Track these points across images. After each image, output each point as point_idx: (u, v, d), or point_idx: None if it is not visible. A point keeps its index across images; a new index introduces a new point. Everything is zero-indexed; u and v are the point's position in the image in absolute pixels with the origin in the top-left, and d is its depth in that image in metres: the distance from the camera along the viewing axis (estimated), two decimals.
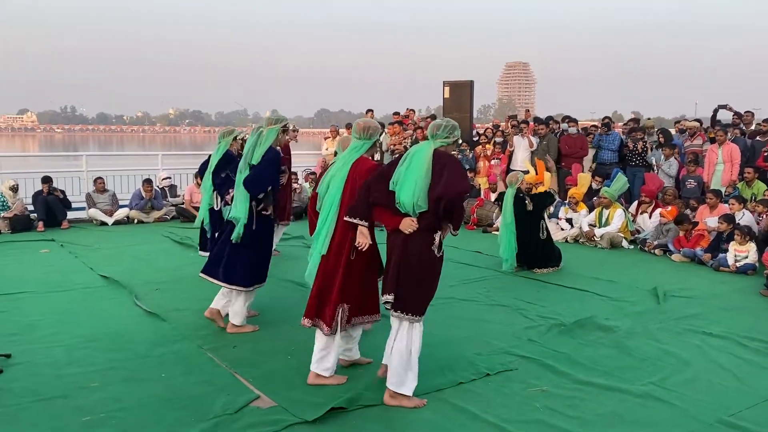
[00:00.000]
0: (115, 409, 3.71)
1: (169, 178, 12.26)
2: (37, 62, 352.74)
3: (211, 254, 5.27)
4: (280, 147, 5.19)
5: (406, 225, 3.68)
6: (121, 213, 10.94)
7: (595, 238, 9.21)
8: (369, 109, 14.56)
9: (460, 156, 12.11)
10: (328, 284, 3.97)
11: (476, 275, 7.28)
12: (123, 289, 6.42)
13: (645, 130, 11.28)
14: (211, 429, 3.49)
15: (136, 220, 10.94)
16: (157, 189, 11.54)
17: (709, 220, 8.54)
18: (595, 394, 4.03)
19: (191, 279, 6.71)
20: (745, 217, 8.32)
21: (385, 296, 3.78)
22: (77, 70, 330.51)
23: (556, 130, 11.99)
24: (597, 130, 11.72)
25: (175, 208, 11.42)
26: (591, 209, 9.70)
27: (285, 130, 5.19)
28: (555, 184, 10.96)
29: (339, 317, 3.93)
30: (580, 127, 12.05)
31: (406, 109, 15.38)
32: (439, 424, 3.60)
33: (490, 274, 7.40)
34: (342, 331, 4.01)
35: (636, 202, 10.03)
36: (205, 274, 5.16)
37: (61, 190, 10.77)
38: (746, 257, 7.57)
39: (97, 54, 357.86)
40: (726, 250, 7.77)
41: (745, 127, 11.00)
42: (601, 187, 9.78)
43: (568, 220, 9.93)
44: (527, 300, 6.23)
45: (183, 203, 11.39)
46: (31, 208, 10.47)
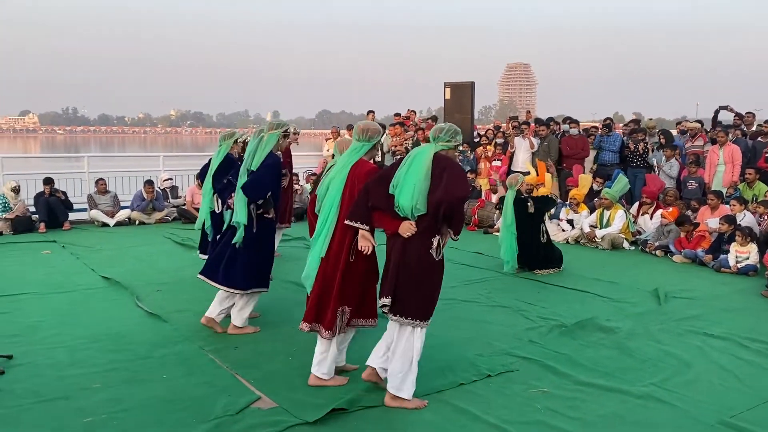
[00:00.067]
0: (116, 410, 3.72)
1: (171, 179, 12.30)
2: (39, 63, 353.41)
3: (211, 257, 5.26)
4: (281, 151, 5.18)
5: (405, 229, 3.66)
6: (123, 214, 10.94)
7: (596, 239, 9.21)
8: (370, 110, 14.54)
9: (461, 157, 12.11)
10: (328, 287, 3.96)
11: (477, 276, 7.29)
12: (124, 290, 6.43)
13: (646, 131, 11.28)
14: (213, 430, 3.50)
15: (137, 222, 10.95)
16: (159, 190, 11.56)
17: (710, 221, 8.54)
18: (596, 395, 4.04)
19: (192, 280, 6.70)
20: (746, 218, 8.32)
21: (383, 299, 3.76)
22: (79, 72, 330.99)
23: (557, 131, 12.00)
24: (598, 131, 11.73)
25: (176, 209, 11.45)
26: (592, 210, 9.70)
27: (286, 135, 5.18)
28: (556, 189, 10.95)
29: (339, 320, 3.92)
30: (581, 128, 12.06)
31: (407, 110, 15.39)
32: (440, 426, 3.60)
33: (491, 275, 7.40)
34: (342, 334, 4.00)
35: (637, 203, 10.02)
36: (205, 276, 5.16)
37: (63, 192, 10.80)
38: (747, 258, 7.57)
39: (99, 55, 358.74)
40: (727, 251, 7.76)
41: (746, 128, 11.00)
42: (602, 189, 9.77)
43: (569, 222, 9.93)
44: (528, 301, 6.23)
45: (184, 204, 11.42)
46: (33, 209, 10.49)
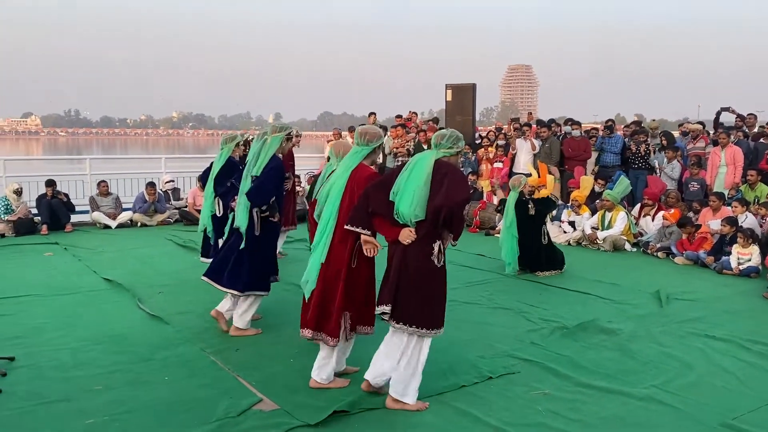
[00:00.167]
0: (118, 412, 3.73)
1: (173, 181, 12.32)
2: (41, 65, 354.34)
3: (216, 259, 5.28)
4: (284, 154, 5.19)
5: (405, 236, 3.65)
6: (125, 216, 10.97)
7: (598, 241, 9.20)
8: (372, 112, 14.48)
9: (462, 159, 12.11)
10: (330, 293, 3.93)
11: (479, 278, 7.29)
12: (126, 292, 6.44)
13: (648, 133, 11.27)
14: None
15: (139, 223, 10.97)
16: (161, 192, 11.57)
17: (712, 222, 8.54)
18: (598, 397, 4.03)
19: (194, 282, 6.72)
20: (748, 220, 8.30)
21: (381, 307, 3.73)
22: (81, 74, 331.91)
23: (558, 132, 12.00)
24: (599, 133, 11.73)
25: (178, 211, 11.47)
26: (594, 212, 9.70)
27: (289, 138, 5.18)
28: (557, 191, 10.95)
29: (343, 326, 3.90)
30: (583, 130, 12.05)
31: (409, 111, 15.34)
32: (442, 428, 3.60)
33: (493, 277, 7.40)
34: (347, 340, 3.99)
35: (639, 205, 10.02)
36: (208, 278, 5.17)
37: (65, 194, 10.82)
38: (749, 260, 7.56)
39: (100, 57, 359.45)
40: (729, 253, 7.75)
41: (748, 130, 10.97)
42: (603, 190, 9.77)
43: (571, 223, 9.92)
44: (530, 303, 6.23)
45: (186, 206, 11.45)
46: (35, 211, 10.51)
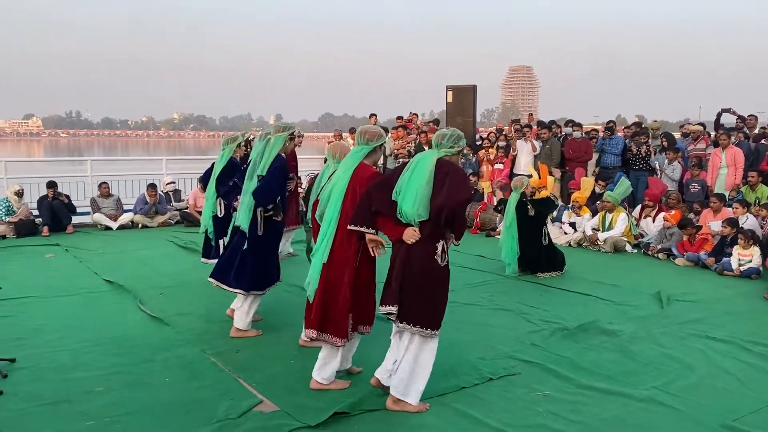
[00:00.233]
0: (119, 414, 3.73)
1: (174, 182, 12.33)
2: (42, 67, 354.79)
3: (221, 260, 5.31)
4: (287, 153, 5.21)
5: (409, 235, 3.65)
6: (126, 218, 10.97)
7: (599, 242, 9.20)
8: (372, 113, 14.50)
9: (463, 160, 12.12)
10: (333, 294, 3.94)
11: (479, 279, 7.29)
12: (127, 294, 6.45)
13: (648, 134, 11.27)
14: None
15: (140, 225, 10.98)
16: (162, 194, 11.58)
17: (713, 224, 8.53)
18: (598, 398, 4.03)
19: (195, 283, 6.74)
20: (748, 221, 8.30)
21: (387, 307, 3.72)
22: (82, 75, 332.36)
23: (559, 134, 11.99)
24: (600, 134, 11.73)
25: (179, 212, 11.47)
26: (594, 213, 9.70)
27: (292, 138, 5.20)
28: (558, 191, 10.95)
29: (349, 326, 3.91)
30: (584, 131, 12.05)
31: (410, 113, 15.32)
32: (442, 429, 3.61)
33: (494, 278, 7.40)
34: (350, 340, 4.00)
35: (639, 206, 10.01)
36: (215, 279, 5.19)
37: (66, 195, 10.82)
38: (750, 261, 7.56)
39: (101, 58, 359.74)
40: (730, 254, 7.75)
41: (748, 131, 10.97)
42: (604, 191, 9.77)
43: (572, 224, 9.92)
44: (530, 304, 6.23)
45: (187, 208, 11.45)
46: (36, 212, 10.51)
